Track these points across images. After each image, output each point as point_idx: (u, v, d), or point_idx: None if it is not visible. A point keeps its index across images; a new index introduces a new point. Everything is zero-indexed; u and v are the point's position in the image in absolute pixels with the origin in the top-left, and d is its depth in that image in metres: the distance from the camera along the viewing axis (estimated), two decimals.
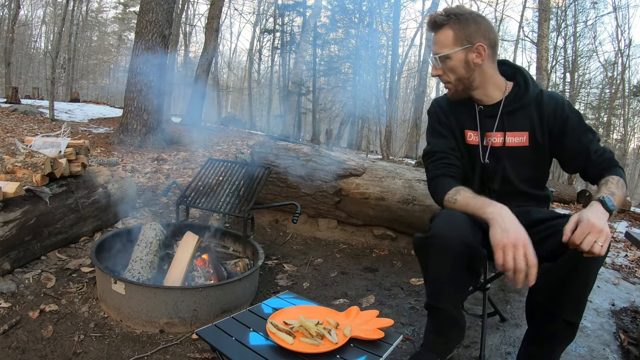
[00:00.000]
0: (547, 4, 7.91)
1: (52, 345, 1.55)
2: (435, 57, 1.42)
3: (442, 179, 1.43)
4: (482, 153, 1.48)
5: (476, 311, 1.94)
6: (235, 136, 10.05)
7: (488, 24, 1.40)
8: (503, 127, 1.45)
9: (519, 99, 1.43)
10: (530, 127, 1.43)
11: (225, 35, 27.06)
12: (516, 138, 1.44)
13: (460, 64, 1.39)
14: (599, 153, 1.38)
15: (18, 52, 21.92)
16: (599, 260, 1.18)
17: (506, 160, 1.46)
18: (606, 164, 1.37)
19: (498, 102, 1.45)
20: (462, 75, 1.41)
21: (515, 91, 1.44)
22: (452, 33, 1.37)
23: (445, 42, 1.38)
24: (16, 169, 2.11)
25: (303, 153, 3.00)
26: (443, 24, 1.38)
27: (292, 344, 1.17)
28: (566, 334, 1.32)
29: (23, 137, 3.93)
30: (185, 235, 2.06)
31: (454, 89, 1.45)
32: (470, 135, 1.51)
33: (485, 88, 1.44)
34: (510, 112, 1.44)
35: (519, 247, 1.10)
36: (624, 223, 4.76)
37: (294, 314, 1.33)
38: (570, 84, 16.65)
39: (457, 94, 1.46)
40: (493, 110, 1.45)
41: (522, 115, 1.43)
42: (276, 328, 1.22)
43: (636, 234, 2.02)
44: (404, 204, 2.74)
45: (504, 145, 1.45)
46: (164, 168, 5.13)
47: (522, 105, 1.42)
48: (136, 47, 6.76)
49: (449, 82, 1.44)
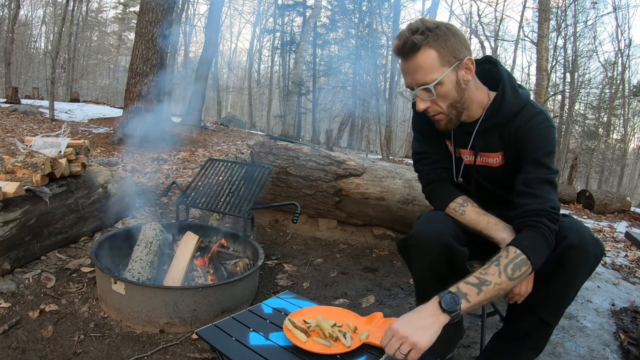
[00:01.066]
0: (547, 4, 7.91)
1: (52, 345, 1.55)
2: (424, 88, 1.16)
3: (442, 185, 1.39)
4: (456, 171, 1.39)
5: (476, 311, 1.94)
6: (235, 136, 10.05)
7: (460, 32, 1.20)
8: (475, 147, 1.31)
9: (494, 115, 1.25)
10: (504, 147, 1.27)
11: (225, 35, 27.03)
12: (490, 159, 1.31)
13: (452, 87, 1.17)
14: (525, 207, 1.15)
15: (18, 52, 21.92)
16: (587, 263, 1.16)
17: (481, 178, 1.35)
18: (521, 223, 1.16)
19: (476, 120, 1.28)
20: (455, 100, 1.19)
21: (492, 106, 1.25)
22: (435, 53, 1.13)
23: (430, 66, 1.14)
24: (16, 169, 2.11)
25: (303, 153, 3.00)
26: (421, 44, 1.12)
27: (305, 342, 1.17)
28: (538, 336, 1.26)
29: (23, 137, 3.93)
30: (185, 235, 2.06)
31: (447, 118, 1.22)
32: (448, 145, 1.40)
33: (470, 107, 1.25)
34: (485, 131, 1.27)
35: (529, 277, 1.16)
36: (624, 223, 4.76)
37: (314, 314, 1.32)
38: (570, 84, 16.65)
39: (451, 123, 1.24)
40: (469, 127, 1.30)
41: (498, 134, 1.26)
42: (293, 325, 1.23)
43: (636, 234, 2.02)
44: (404, 204, 2.74)
45: (474, 164, 1.34)
46: (164, 168, 5.13)
47: (496, 123, 1.25)
48: (136, 47, 6.76)
49: (440, 113, 1.22)
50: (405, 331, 1.04)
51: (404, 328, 1.05)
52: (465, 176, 1.38)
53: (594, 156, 17.25)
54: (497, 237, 1.23)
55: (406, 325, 1.05)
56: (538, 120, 1.20)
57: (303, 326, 1.23)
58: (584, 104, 17.79)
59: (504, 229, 1.23)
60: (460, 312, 1.04)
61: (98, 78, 28.18)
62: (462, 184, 1.40)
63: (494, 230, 1.23)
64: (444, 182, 1.40)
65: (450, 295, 1.05)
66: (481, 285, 1.06)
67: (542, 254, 1.12)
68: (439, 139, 1.40)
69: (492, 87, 1.28)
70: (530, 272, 1.11)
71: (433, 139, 1.40)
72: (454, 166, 1.40)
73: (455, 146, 1.37)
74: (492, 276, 1.08)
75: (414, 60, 1.15)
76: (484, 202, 1.33)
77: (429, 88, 1.16)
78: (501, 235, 1.22)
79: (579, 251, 1.14)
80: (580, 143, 16.42)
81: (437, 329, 1.04)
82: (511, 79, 1.26)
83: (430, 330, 1.03)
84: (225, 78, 29.02)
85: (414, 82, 1.18)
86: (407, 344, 1.03)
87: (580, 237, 1.15)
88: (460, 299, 1.05)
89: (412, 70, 1.17)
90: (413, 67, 1.16)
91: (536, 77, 7.50)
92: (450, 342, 1.54)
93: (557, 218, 1.15)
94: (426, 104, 1.20)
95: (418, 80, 1.17)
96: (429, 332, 1.03)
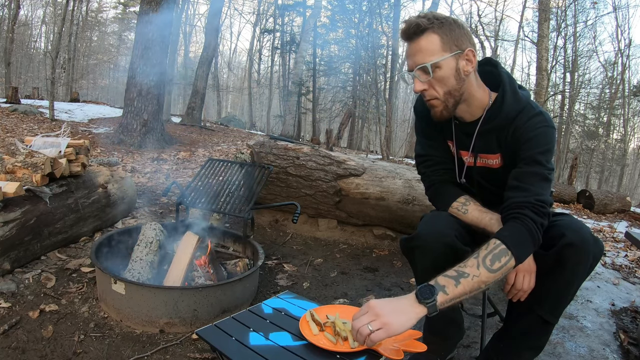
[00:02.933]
0: (547, 4, 7.91)
1: (52, 345, 1.55)
2: (422, 66, 1.18)
3: (444, 186, 1.41)
4: (459, 172, 1.40)
5: (476, 311, 1.94)
6: (235, 136, 10.06)
7: (467, 27, 1.24)
8: (475, 149, 1.33)
9: (494, 118, 1.26)
10: (502, 149, 1.29)
11: (225, 35, 27.06)
12: (490, 160, 1.32)
13: (451, 74, 1.19)
14: (512, 199, 1.17)
15: (18, 52, 21.91)
16: (586, 262, 1.16)
17: (481, 179, 1.37)
18: (507, 215, 1.16)
19: (476, 120, 1.30)
20: (452, 88, 1.20)
21: (492, 109, 1.27)
22: (438, 38, 1.17)
23: (432, 49, 1.17)
24: (16, 169, 2.11)
25: (303, 153, 3.00)
26: (426, 27, 1.17)
27: (315, 335, 1.18)
28: (538, 334, 1.27)
29: (23, 137, 3.93)
30: (185, 235, 2.06)
31: (443, 105, 1.23)
32: (450, 146, 1.42)
33: (470, 103, 1.27)
34: (484, 132, 1.29)
35: (530, 272, 1.19)
36: (624, 223, 4.76)
37: (334, 311, 1.33)
38: (570, 84, 16.65)
39: (446, 111, 1.24)
40: (469, 128, 1.31)
41: (496, 137, 1.28)
42: (311, 317, 1.24)
43: (636, 234, 2.02)
44: (404, 204, 2.75)
45: (474, 165, 1.36)
46: (164, 168, 5.13)
47: (496, 126, 1.27)
48: (136, 47, 6.77)
49: (436, 99, 1.22)
50: (381, 310, 1.03)
51: (381, 306, 1.03)
52: (467, 177, 1.39)
53: (594, 156, 17.24)
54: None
55: (384, 305, 1.04)
56: (536, 121, 1.21)
57: (321, 320, 1.24)
58: (584, 104, 17.79)
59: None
60: (437, 303, 1.02)
61: (98, 78, 28.18)
62: (465, 185, 1.40)
63: (497, 227, 1.23)
64: (446, 183, 1.41)
65: (427, 286, 1.04)
66: (459, 277, 1.05)
67: (526, 246, 1.11)
68: (442, 140, 1.42)
69: (493, 88, 1.29)
70: (513, 265, 1.08)
71: (436, 141, 1.42)
72: (456, 168, 1.41)
73: (457, 148, 1.38)
74: (470, 268, 1.06)
75: (417, 42, 1.19)
76: (487, 202, 1.34)
77: (427, 67, 1.18)
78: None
79: (577, 250, 1.14)
80: (580, 143, 16.40)
81: (413, 319, 1.02)
82: (511, 81, 1.27)
83: (406, 316, 1.02)
84: (225, 78, 29.03)
85: (414, 63, 1.20)
86: (378, 322, 1.01)
87: (579, 236, 1.15)
88: (437, 290, 1.03)
89: (414, 51, 1.20)
90: (415, 49, 1.19)
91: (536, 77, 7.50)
92: (450, 342, 1.54)
93: (543, 211, 1.13)
94: (423, 86, 1.22)
95: (417, 61, 1.19)
96: (405, 317, 1.02)
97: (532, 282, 1.19)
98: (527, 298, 1.22)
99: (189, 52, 23.76)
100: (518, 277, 1.19)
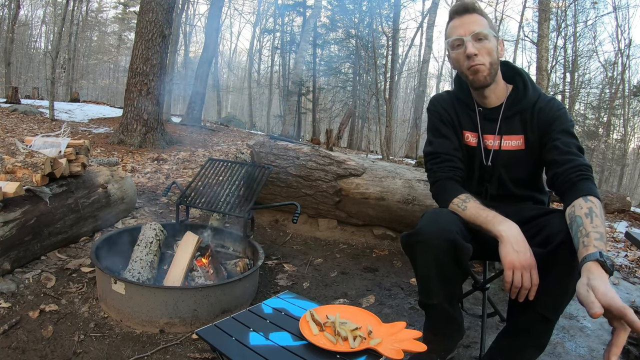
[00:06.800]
0: (547, 4, 7.90)
1: (52, 345, 1.55)
2: (479, 32, 1.34)
3: (448, 183, 1.43)
4: (485, 156, 1.47)
5: (476, 311, 1.94)
6: (235, 136, 10.06)
7: None
8: (501, 131, 1.44)
9: (518, 102, 1.42)
10: (525, 131, 1.41)
11: (225, 35, 27.06)
12: (513, 142, 1.43)
13: (494, 49, 1.37)
14: (574, 162, 1.27)
15: (18, 52, 21.93)
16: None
17: (502, 164, 1.45)
18: (578, 175, 1.24)
19: (499, 106, 1.44)
20: (494, 61, 1.37)
21: (515, 95, 1.43)
22: (486, 20, 1.37)
23: (484, 24, 1.36)
24: (16, 169, 2.11)
25: (303, 153, 3.00)
26: (475, 9, 1.38)
27: (314, 335, 1.18)
28: (539, 331, 1.28)
29: (23, 137, 3.93)
30: (185, 235, 2.06)
31: (488, 71, 1.36)
32: (468, 137, 1.50)
33: (497, 85, 1.43)
34: (509, 117, 1.43)
35: (527, 268, 1.17)
36: (624, 223, 4.76)
37: (335, 311, 1.33)
38: (570, 84, 16.65)
39: (490, 77, 1.38)
40: (493, 114, 1.44)
41: (520, 119, 1.42)
42: (311, 317, 1.24)
43: (636, 234, 2.02)
44: (404, 204, 2.75)
45: (500, 148, 1.44)
46: (164, 168, 5.13)
47: (520, 109, 1.41)
48: (136, 47, 6.77)
49: (483, 65, 1.35)
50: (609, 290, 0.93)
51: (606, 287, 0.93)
52: (492, 161, 1.47)
53: (594, 156, 17.23)
54: (494, 229, 1.24)
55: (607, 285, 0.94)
56: (556, 103, 1.41)
57: (321, 320, 1.24)
58: (584, 104, 17.79)
59: (501, 222, 1.24)
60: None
61: (98, 78, 28.19)
62: (490, 168, 1.47)
63: (492, 224, 1.25)
64: (450, 180, 1.44)
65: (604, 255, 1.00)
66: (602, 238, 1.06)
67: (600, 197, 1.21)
68: (454, 136, 1.50)
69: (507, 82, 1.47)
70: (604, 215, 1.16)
71: (447, 138, 1.50)
72: (482, 152, 1.48)
73: (481, 133, 1.47)
74: (601, 227, 1.08)
75: (472, 15, 1.37)
76: (501, 194, 1.46)
77: (483, 33, 1.34)
78: (498, 228, 1.23)
79: (570, 247, 1.14)
80: (581, 143, 16.38)
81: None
82: (527, 73, 1.47)
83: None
84: (225, 78, 29.05)
85: (469, 31, 1.35)
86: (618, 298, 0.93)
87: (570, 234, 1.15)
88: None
89: (469, 22, 1.36)
90: (471, 19, 1.37)
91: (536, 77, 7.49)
92: (450, 342, 1.54)
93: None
94: (474, 50, 1.34)
95: (474, 28, 1.35)
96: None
97: (534, 279, 1.17)
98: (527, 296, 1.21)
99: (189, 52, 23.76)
100: (516, 275, 1.17)
